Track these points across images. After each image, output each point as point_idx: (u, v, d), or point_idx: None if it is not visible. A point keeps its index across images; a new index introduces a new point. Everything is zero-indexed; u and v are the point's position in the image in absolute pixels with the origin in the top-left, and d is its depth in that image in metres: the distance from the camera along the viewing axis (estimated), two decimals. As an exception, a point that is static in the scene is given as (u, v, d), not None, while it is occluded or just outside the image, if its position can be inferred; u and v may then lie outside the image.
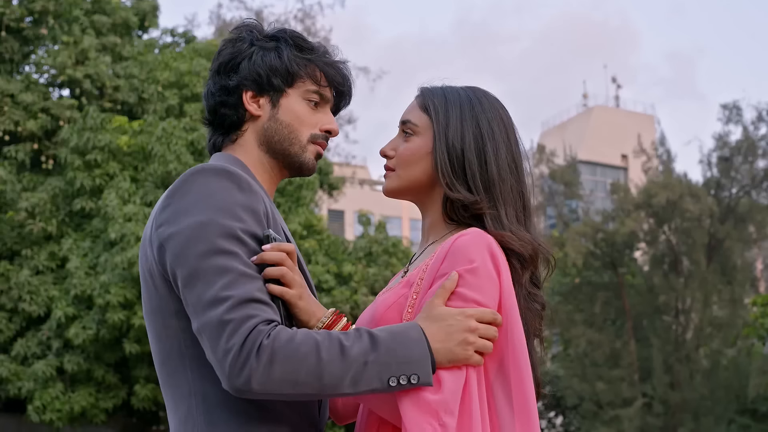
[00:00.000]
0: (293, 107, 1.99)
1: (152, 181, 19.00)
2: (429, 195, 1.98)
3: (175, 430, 1.79)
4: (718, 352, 35.71)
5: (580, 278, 37.45)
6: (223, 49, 2.02)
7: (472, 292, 1.76)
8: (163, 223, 1.76)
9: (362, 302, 20.35)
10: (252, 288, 1.68)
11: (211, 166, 1.81)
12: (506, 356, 1.78)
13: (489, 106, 1.98)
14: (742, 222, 35.51)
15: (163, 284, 1.78)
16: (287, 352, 1.62)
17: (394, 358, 1.67)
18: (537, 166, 37.68)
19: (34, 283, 18.53)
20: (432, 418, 1.67)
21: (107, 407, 18.74)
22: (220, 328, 1.63)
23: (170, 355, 1.79)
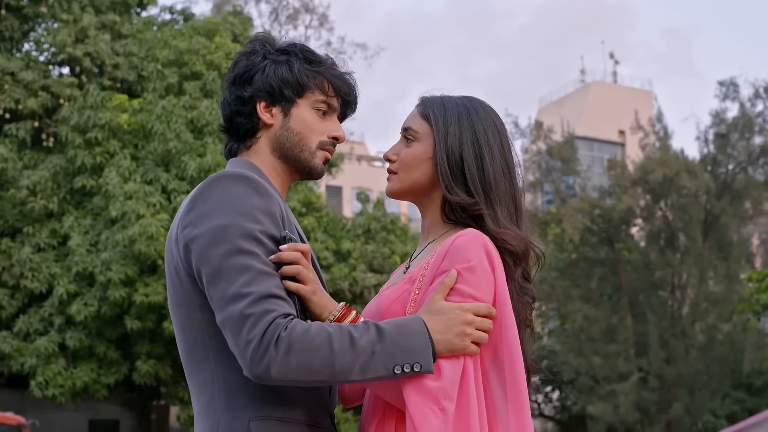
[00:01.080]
0: (303, 116, 2.15)
1: (152, 159, 19.14)
2: (429, 197, 2.14)
3: (199, 413, 1.97)
4: (714, 327, 35.93)
5: (577, 254, 37.63)
6: (238, 61, 2.18)
7: (470, 288, 1.93)
8: (188, 225, 1.93)
9: (360, 279, 20.54)
10: (270, 285, 1.85)
11: (232, 173, 1.98)
12: (500, 346, 1.95)
13: (484, 115, 2.15)
14: (738, 198, 35.65)
15: (188, 280, 1.95)
16: (303, 344, 1.80)
17: (399, 348, 1.85)
18: (534, 142, 37.78)
19: (35, 260, 18.69)
20: (433, 403, 1.84)
21: (109, 383, 18.94)
22: (242, 321, 1.81)
23: (194, 345, 1.97)
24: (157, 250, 17.24)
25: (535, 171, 38.04)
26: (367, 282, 20.59)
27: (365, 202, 22.85)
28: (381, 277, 20.84)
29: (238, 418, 1.89)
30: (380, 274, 21.00)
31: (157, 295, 17.45)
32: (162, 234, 17.30)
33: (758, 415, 37.50)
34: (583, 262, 37.47)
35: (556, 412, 43.42)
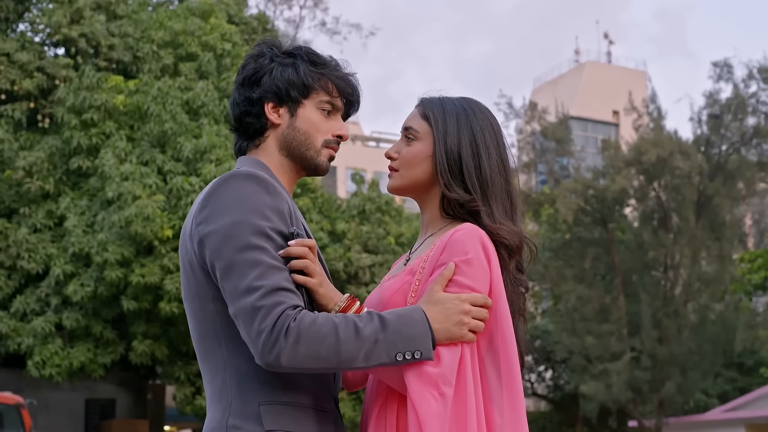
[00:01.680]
0: (309, 116, 2.27)
1: (148, 141, 19.21)
2: (428, 193, 2.26)
3: (211, 397, 2.09)
4: (706, 307, 36.13)
5: (571, 234, 37.77)
6: (247, 64, 2.29)
7: (467, 280, 2.05)
8: (202, 222, 2.05)
9: (355, 259, 20.66)
10: (280, 278, 1.98)
11: (242, 172, 2.09)
12: (495, 334, 2.08)
13: (481, 115, 2.27)
14: (731, 179, 35.78)
15: (201, 273, 2.07)
16: (311, 333, 1.92)
17: (401, 337, 1.97)
18: (529, 123, 37.86)
19: (32, 241, 18.77)
20: (432, 388, 1.97)
21: (105, 362, 19.07)
22: (254, 312, 1.93)
23: (207, 334, 2.09)
24: (153, 231, 17.34)
25: (529, 152, 38.15)
26: (361, 262, 20.72)
27: (360, 182, 22.95)
28: (375, 258, 20.96)
29: (249, 403, 2.01)
30: (375, 255, 21.12)
31: (153, 275, 17.57)
32: (158, 215, 17.40)
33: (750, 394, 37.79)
34: (577, 242, 37.62)
35: (549, 391, 43.68)
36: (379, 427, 2.05)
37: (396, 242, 21.75)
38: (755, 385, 39.24)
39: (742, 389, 40.97)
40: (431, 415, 1.93)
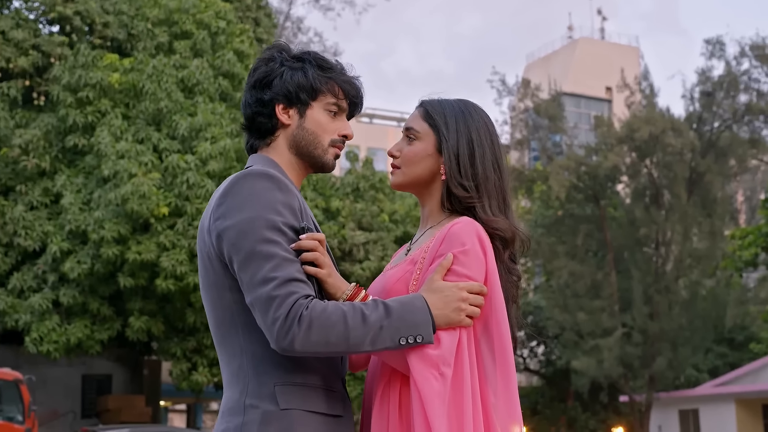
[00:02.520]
0: (316, 117, 2.43)
1: (143, 119, 19.30)
2: (428, 188, 2.43)
3: (229, 379, 2.26)
4: (697, 283, 36.38)
5: (563, 211, 37.95)
6: (258, 67, 2.45)
7: (464, 269, 2.22)
8: (220, 218, 2.21)
9: (349, 237, 20.83)
10: (293, 270, 2.14)
11: (256, 171, 2.25)
12: (490, 319, 2.25)
13: (477, 117, 2.44)
14: (723, 156, 35.94)
15: (219, 265, 2.23)
16: (321, 321, 2.09)
17: (404, 323, 2.14)
18: (521, 100, 37.94)
19: (28, 219, 18.89)
20: (433, 369, 2.14)
21: (102, 339, 19.24)
22: (270, 302, 2.10)
23: (224, 321, 2.26)
24: (149, 209, 17.47)
25: (522, 129, 38.26)
26: (355, 240, 20.89)
27: (354, 160, 23.08)
28: (369, 235, 21.13)
29: (265, 384, 2.18)
30: (369, 232, 21.28)
31: (149, 253, 17.71)
32: (154, 193, 17.53)
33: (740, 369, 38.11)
34: (569, 218, 37.81)
35: (541, 366, 43.98)
36: (383, 405, 2.22)
37: (390, 219, 21.92)
38: (745, 361, 39.57)
39: (732, 364, 41.30)
40: (433, 394, 2.10)
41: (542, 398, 43.81)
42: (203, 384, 19.50)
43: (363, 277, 20.45)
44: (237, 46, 21.27)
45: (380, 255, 21.32)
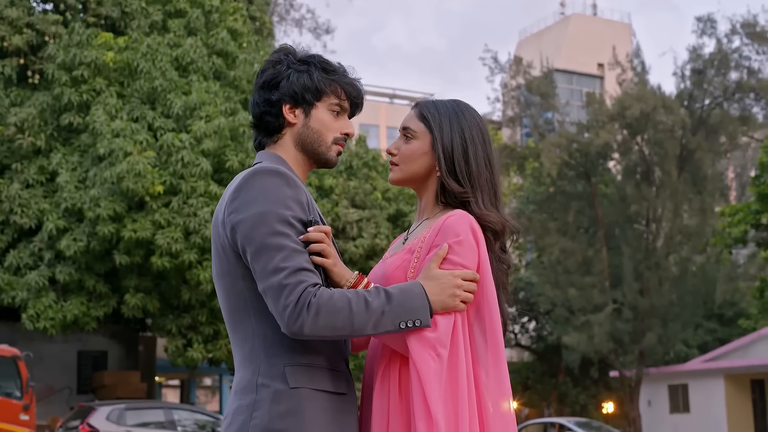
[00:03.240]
0: (321, 117, 2.58)
1: (138, 97, 19.41)
2: (424, 183, 2.62)
3: (241, 361, 2.45)
4: (687, 259, 36.66)
5: (555, 188, 38.16)
6: (266, 69, 2.63)
7: (458, 258, 2.41)
8: (233, 211, 2.39)
9: (343, 215, 21.01)
10: (302, 260, 2.32)
11: (267, 168, 2.43)
12: (482, 304, 2.44)
13: (470, 116, 2.62)
14: (713, 133, 36.13)
15: (233, 255, 2.41)
16: (328, 307, 2.27)
17: (403, 308, 2.33)
18: (514, 77, 38.05)
19: (24, 197, 19.02)
20: (431, 350, 2.32)
21: (98, 315, 19.42)
22: (281, 290, 2.28)
23: (237, 307, 2.44)
24: (145, 187, 17.62)
25: (513, 106, 38.42)
26: (349, 217, 21.07)
27: (347, 138, 23.21)
28: (363, 213, 21.31)
29: (275, 365, 2.37)
30: (362, 210, 21.46)
31: (144, 230, 17.87)
32: (149, 171, 17.68)
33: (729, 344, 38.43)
34: (561, 195, 38.03)
35: (533, 342, 44.33)
36: (384, 383, 2.42)
37: (383, 197, 22.09)
38: (735, 336, 39.92)
39: (721, 340, 41.65)
40: (430, 373, 2.29)
41: (533, 373, 44.17)
42: (198, 360, 19.72)
43: (356, 255, 20.65)
44: (230, 24, 21.37)
45: (373, 232, 21.52)
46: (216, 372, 30.29)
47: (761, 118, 36.94)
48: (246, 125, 18.97)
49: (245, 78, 20.79)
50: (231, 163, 18.54)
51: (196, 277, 18.22)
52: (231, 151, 18.77)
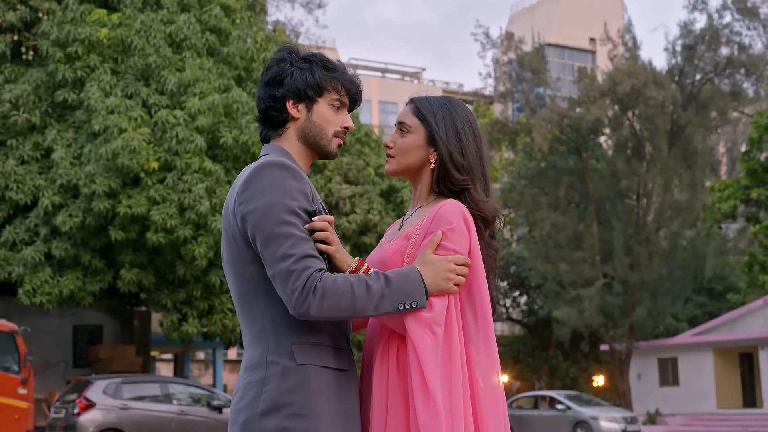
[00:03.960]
0: (322, 111, 2.77)
1: (132, 74, 19.51)
2: (419, 174, 2.81)
3: (251, 340, 2.64)
4: (677, 234, 36.98)
5: (546, 163, 38.40)
6: (271, 67, 2.82)
7: (451, 245, 2.60)
8: (243, 202, 2.58)
9: (336, 190, 21.19)
10: (307, 247, 2.52)
11: (274, 162, 2.62)
12: (473, 287, 2.63)
13: (461, 111, 2.82)
14: (704, 108, 36.35)
15: (243, 242, 2.60)
16: (333, 291, 2.47)
17: (401, 291, 2.52)
18: (505, 53, 38.16)
19: (20, 173, 19.13)
20: (427, 329, 2.52)
21: (94, 290, 19.58)
22: (289, 275, 2.48)
23: (247, 290, 2.63)
24: (140, 163, 17.76)
25: (505, 81, 38.56)
26: (342, 193, 21.25)
27: (340, 114, 23.33)
28: (356, 189, 21.48)
29: (283, 344, 2.56)
30: (355, 186, 21.63)
31: (140, 206, 18.03)
32: (144, 147, 17.82)
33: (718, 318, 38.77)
34: (552, 170, 38.28)
35: (524, 315, 44.66)
36: (383, 361, 2.61)
37: (375, 173, 22.26)
38: (724, 310, 40.28)
39: (711, 314, 42.02)
40: (427, 350, 2.49)
41: (524, 347, 44.53)
42: (193, 335, 19.93)
43: (349, 230, 20.85)
44: (223, 0, 21.44)
45: (366, 208, 21.71)
46: (210, 346, 30.54)
47: (751, 93, 37.17)
48: (239, 102, 19.10)
49: (238, 54, 20.88)
50: (225, 140, 18.69)
51: (191, 252, 18.41)
52: (225, 128, 18.91)
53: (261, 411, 2.50)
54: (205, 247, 18.47)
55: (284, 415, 2.49)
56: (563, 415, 27.02)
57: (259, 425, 2.50)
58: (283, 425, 2.48)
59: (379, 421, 2.59)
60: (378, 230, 22.27)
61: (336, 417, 2.53)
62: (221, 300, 19.87)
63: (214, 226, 18.25)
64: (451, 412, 2.50)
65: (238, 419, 2.56)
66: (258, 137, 18.63)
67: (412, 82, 61.08)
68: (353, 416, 2.60)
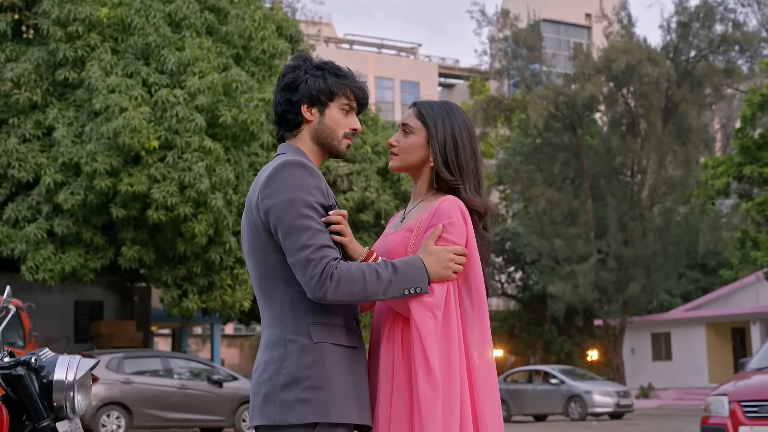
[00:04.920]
0: (333, 115, 3.08)
1: (132, 53, 19.72)
2: (419, 171, 3.12)
3: (270, 321, 2.95)
4: (671, 210, 37.32)
5: (541, 139, 38.69)
6: (286, 73, 3.12)
7: (451, 237, 2.92)
8: (266, 197, 2.88)
9: (333, 168, 21.47)
10: (324, 238, 2.83)
11: (293, 161, 2.92)
12: (469, 274, 2.95)
13: (458, 115, 3.13)
14: (698, 85, 36.61)
15: (265, 233, 2.90)
16: (347, 278, 2.78)
17: (407, 278, 2.84)
18: (501, 30, 38.35)
19: (22, 151, 19.36)
20: (429, 311, 2.85)
21: (96, 267, 19.87)
22: (308, 263, 2.79)
23: (267, 276, 2.94)
24: (140, 142, 18.02)
25: (501, 58, 38.77)
26: (339, 171, 21.53)
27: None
28: (353, 167, 21.76)
29: (301, 324, 2.87)
30: (352, 164, 21.92)
31: (140, 184, 18.30)
32: (144, 126, 18.07)
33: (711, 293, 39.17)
34: (547, 147, 38.57)
35: (519, 291, 45.07)
36: (389, 339, 2.93)
37: (372, 151, 22.54)
38: (717, 285, 40.72)
39: (704, 289, 42.47)
40: (428, 330, 2.81)
41: (519, 322, 44.98)
42: (193, 310, 20.26)
43: (347, 207, 21.15)
44: (222, -21, 21.62)
45: (363, 186, 22.00)
46: (207, 321, 30.90)
47: (746, 70, 37.43)
48: (238, 81, 19.34)
49: (237, 33, 21.09)
50: (224, 119, 18.95)
51: (191, 230, 18.71)
52: (224, 107, 19.16)
53: (282, 384, 2.82)
54: (205, 225, 18.77)
55: (302, 387, 2.81)
56: (557, 389, 27.45)
57: (280, 396, 2.81)
58: (301, 396, 2.80)
59: (385, 393, 2.91)
60: (375, 207, 22.58)
61: (348, 389, 2.85)
62: (221, 276, 20.19)
63: (213, 204, 18.54)
64: (449, 384, 2.82)
65: (261, 391, 2.87)
66: (257, 116, 19.04)
67: (408, 58, 61.21)
68: (363, 389, 2.92)
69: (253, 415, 2.90)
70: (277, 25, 22.88)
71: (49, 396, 3.47)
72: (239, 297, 20.24)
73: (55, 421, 3.46)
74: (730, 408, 11.01)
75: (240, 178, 19.95)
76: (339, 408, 2.83)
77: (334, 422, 2.82)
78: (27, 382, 3.45)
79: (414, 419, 2.82)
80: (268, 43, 21.35)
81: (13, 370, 3.46)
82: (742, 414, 10.88)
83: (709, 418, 11.31)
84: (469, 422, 2.84)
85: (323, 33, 52.27)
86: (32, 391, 3.44)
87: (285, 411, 2.81)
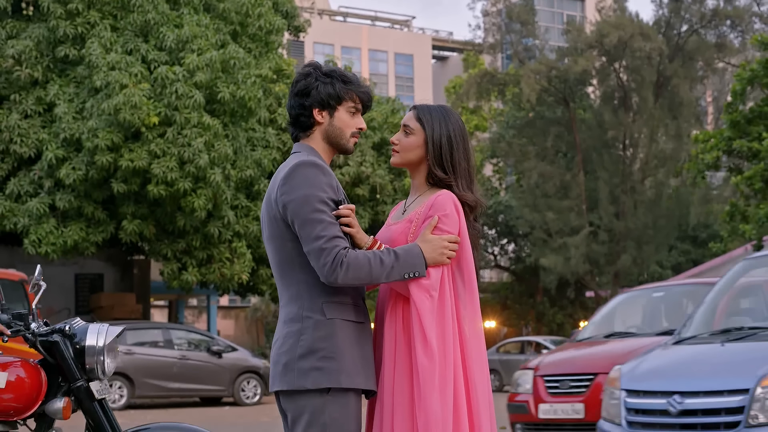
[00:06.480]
0: (342, 117, 3.51)
1: (132, 30, 20.03)
2: (418, 168, 3.53)
3: (288, 300, 3.37)
4: (662, 183, 37.70)
5: (534, 113, 39.00)
6: (299, 80, 3.53)
7: (446, 227, 3.33)
8: (284, 193, 3.29)
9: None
10: (335, 230, 3.25)
11: (307, 161, 3.33)
12: (462, 259, 3.38)
13: (453, 119, 3.54)
14: (690, 60, 36.90)
15: (283, 224, 3.32)
16: (355, 264, 3.20)
17: (407, 264, 3.26)
18: (494, 4, 38.60)
19: (23, 126, 19.71)
20: (426, 293, 3.27)
21: (97, 240, 20.28)
22: (321, 252, 3.21)
23: (285, 261, 3.35)
24: (140, 118, 18.39)
25: (494, 33, 39.04)
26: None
27: (333, 68, 23.82)
28: (349, 142, 22.11)
29: (315, 302, 3.29)
30: (348, 139, 22.26)
31: (141, 160, 18.69)
32: (144, 103, 18.44)
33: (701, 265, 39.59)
34: (540, 121, 38.90)
35: (511, 263, 45.52)
36: (392, 317, 3.36)
37: (368, 126, 22.89)
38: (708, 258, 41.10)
39: (695, 261, 42.90)
40: (426, 309, 3.24)
41: (512, 294, 45.45)
42: (192, 283, 20.70)
43: (343, 182, 21.55)
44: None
45: (359, 160, 22.39)
46: (204, 293, 31.35)
47: (737, 44, 37.72)
48: (236, 57, 19.68)
49: (233, 10, 21.40)
50: (222, 95, 19.32)
51: (191, 204, 19.12)
52: (222, 83, 19.52)
53: (299, 355, 3.26)
54: (204, 199, 19.18)
55: (317, 357, 3.24)
56: (549, 360, 27.89)
57: (298, 365, 3.25)
58: (316, 365, 3.23)
59: (389, 362, 3.35)
60: (370, 182, 22.98)
61: (356, 360, 3.29)
62: (219, 250, 20.62)
63: (212, 179, 18.94)
64: (444, 355, 3.27)
65: (280, 361, 3.30)
66: (254, 93, 19.38)
67: (401, 30, 61.36)
68: (369, 359, 3.35)
69: (274, 382, 3.33)
70: (273, 1, 23.18)
71: (82, 359, 3.92)
72: (237, 270, 20.67)
73: (88, 382, 3.91)
74: (534, 384, 10.04)
75: (238, 153, 20.34)
76: (349, 375, 3.25)
77: (344, 387, 3.24)
78: (62, 347, 3.90)
79: (414, 385, 3.25)
80: (265, 19, 21.67)
81: (50, 337, 3.92)
82: (545, 390, 9.92)
83: (516, 395, 10.32)
84: (461, 387, 3.28)
85: (317, 5, 52.44)
86: (67, 355, 3.89)
87: (302, 378, 3.24)
